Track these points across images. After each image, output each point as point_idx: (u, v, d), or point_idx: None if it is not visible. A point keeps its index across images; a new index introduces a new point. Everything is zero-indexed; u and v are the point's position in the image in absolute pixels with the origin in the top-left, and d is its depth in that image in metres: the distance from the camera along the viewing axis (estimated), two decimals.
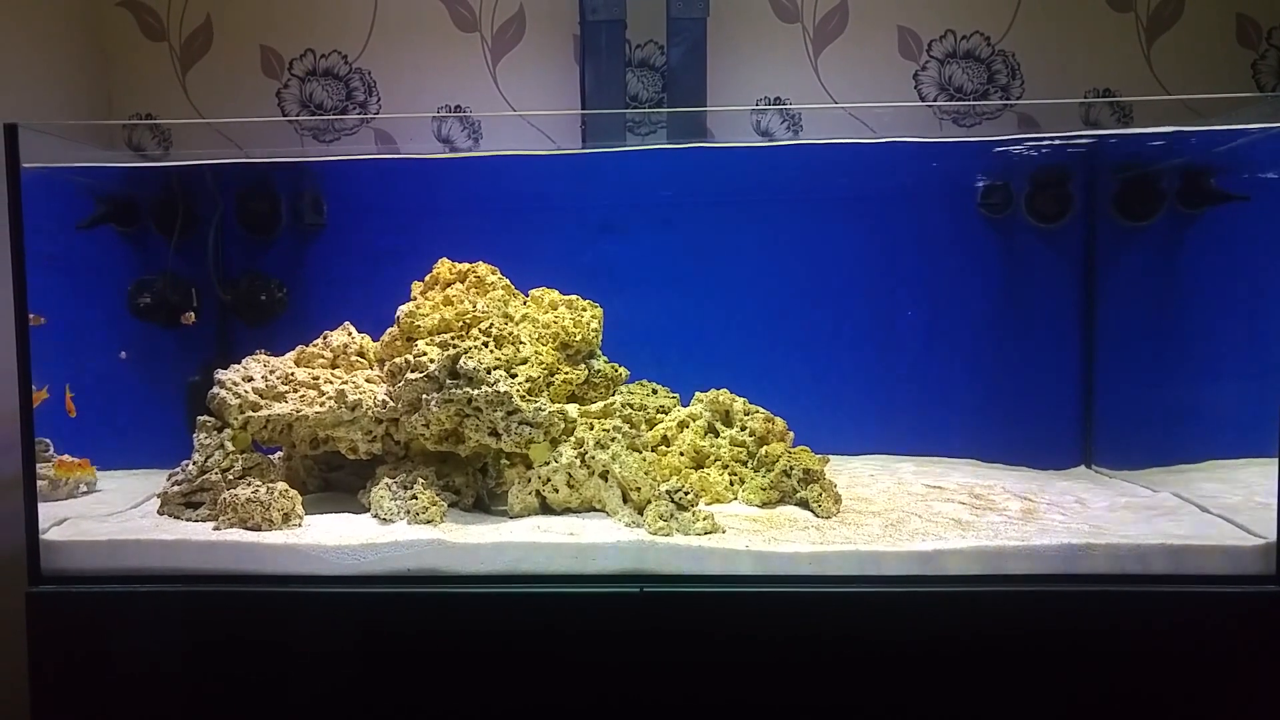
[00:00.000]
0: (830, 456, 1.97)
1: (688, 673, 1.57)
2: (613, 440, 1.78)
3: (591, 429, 1.81)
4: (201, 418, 1.85)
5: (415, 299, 1.96)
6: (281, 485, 1.75)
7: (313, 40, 2.44)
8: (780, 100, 2.42)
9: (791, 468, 1.90)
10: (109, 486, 2.09)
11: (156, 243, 2.27)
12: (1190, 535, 1.65)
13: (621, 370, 2.02)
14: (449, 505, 1.79)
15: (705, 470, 1.98)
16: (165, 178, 2.36)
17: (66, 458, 2.01)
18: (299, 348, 1.99)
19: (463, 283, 1.98)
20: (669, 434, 2.05)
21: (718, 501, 1.92)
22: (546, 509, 1.80)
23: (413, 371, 1.79)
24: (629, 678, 1.58)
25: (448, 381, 1.77)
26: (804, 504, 1.87)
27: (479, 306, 1.90)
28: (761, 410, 2.08)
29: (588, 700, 1.58)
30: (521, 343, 1.86)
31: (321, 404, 1.84)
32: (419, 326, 1.87)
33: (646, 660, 1.57)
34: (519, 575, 1.62)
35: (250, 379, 1.86)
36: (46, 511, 1.74)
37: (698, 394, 2.14)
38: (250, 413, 1.83)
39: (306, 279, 2.37)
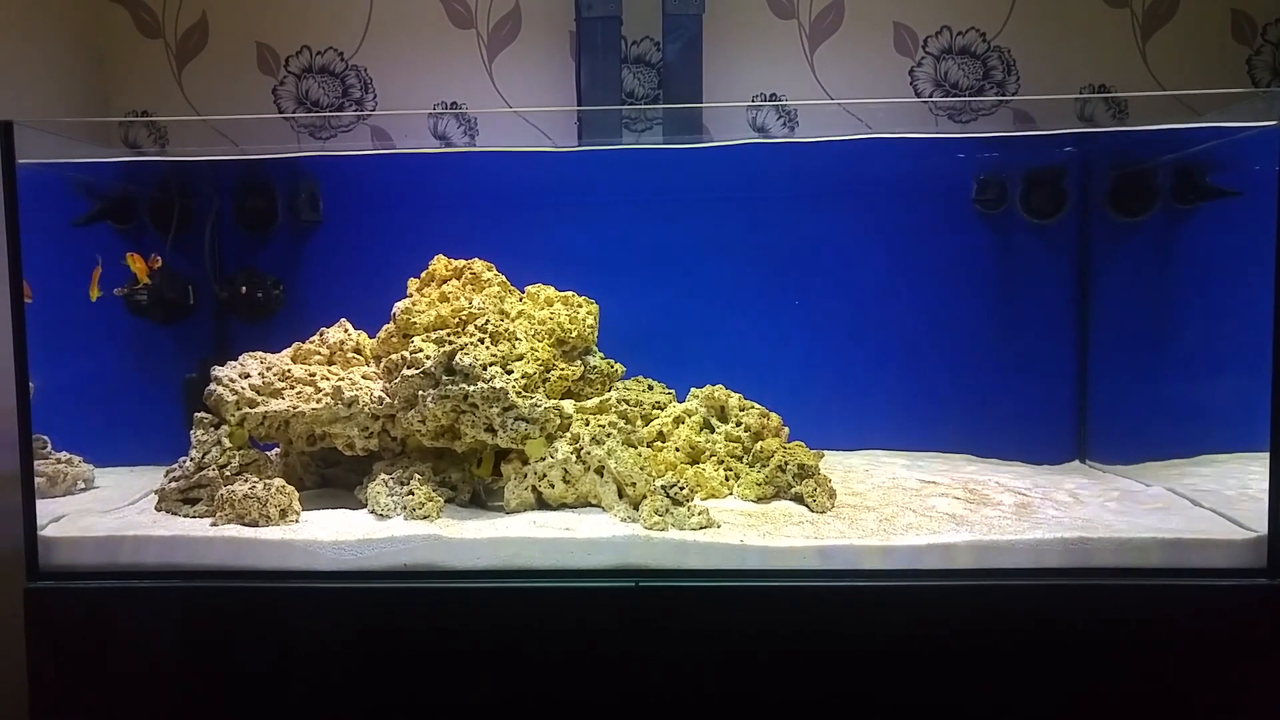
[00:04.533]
0: (825, 452, 1.98)
1: (682, 667, 1.58)
2: (608, 436, 1.79)
3: (587, 425, 1.82)
4: (199, 414, 1.85)
5: (411, 295, 1.97)
6: (278, 481, 1.76)
7: (308, 37, 2.44)
8: (776, 97, 2.43)
9: (786, 463, 1.91)
10: (107, 483, 2.10)
11: (153, 240, 2.27)
12: (1182, 529, 1.66)
13: (617, 366, 2.03)
14: (445, 501, 1.79)
15: (701, 466, 1.99)
16: (161, 175, 2.36)
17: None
18: (295, 344, 1.99)
19: (458, 279, 1.99)
20: (665, 430, 2.05)
21: (713, 497, 1.92)
22: (542, 504, 1.81)
23: (409, 368, 1.79)
24: (624, 672, 1.58)
25: (444, 378, 1.77)
26: (799, 499, 1.88)
27: (475, 303, 1.90)
28: (757, 406, 2.09)
29: (583, 694, 1.59)
30: (517, 339, 1.87)
31: (318, 400, 1.84)
32: (415, 323, 1.87)
33: (641, 654, 1.58)
34: (515, 570, 1.63)
35: (247, 375, 1.87)
36: (45, 508, 1.74)
37: (693, 390, 2.15)
38: (247, 409, 1.83)
39: (303, 276, 2.37)
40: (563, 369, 1.91)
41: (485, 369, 1.77)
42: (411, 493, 1.76)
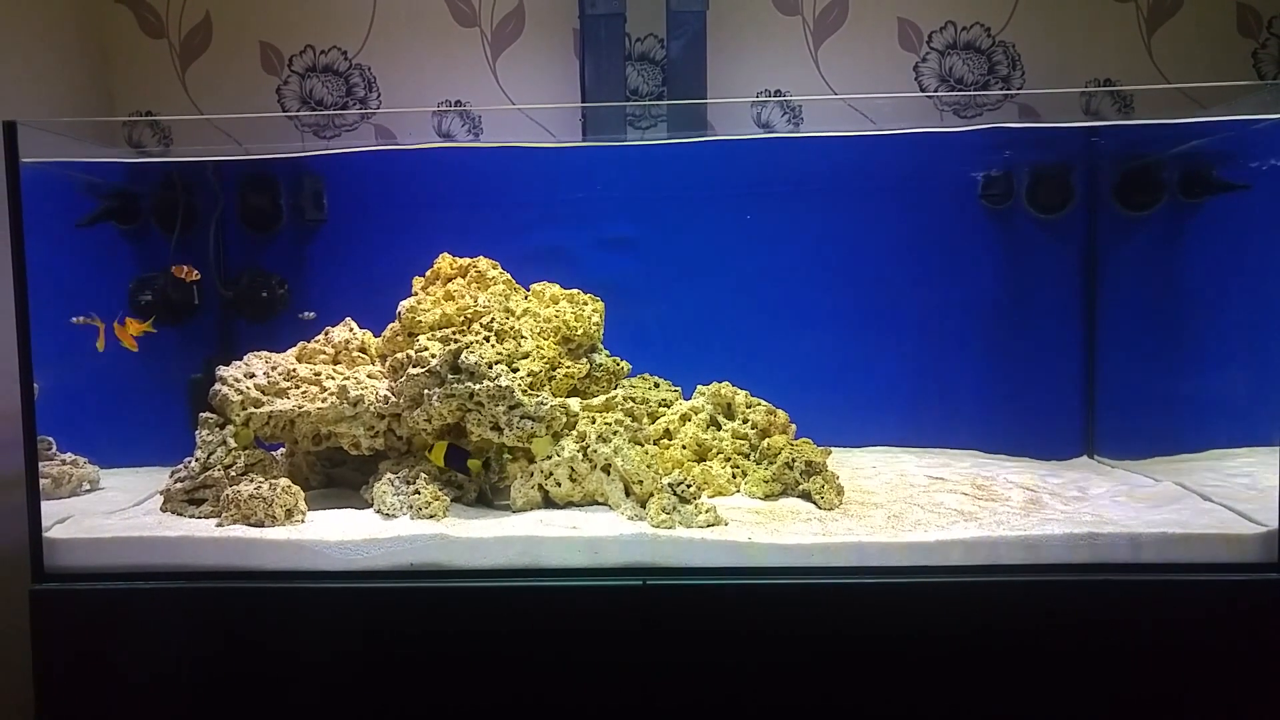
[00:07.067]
0: (832, 449, 1.97)
1: (691, 665, 1.57)
2: (615, 434, 1.78)
3: (594, 423, 1.81)
4: (204, 414, 1.85)
5: (416, 294, 1.96)
6: (284, 481, 1.75)
7: (312, 36, 2.44)
8: (780, 93, 2.42)
9: (794, 460, 1.90)
10: (112, 484, 2.10)
11: (157, 240, 2.27)
12: (1192, 524, 1.65)
13: (623, 364, 2.02)
14: (451, 500, 1.79)
15: (708, 463, 1.98)
16: (166, 175, 2.36)
17: None
18: (300, 344, 1.99)
19: (464, 278, 1.98)
20: (671, 427, 2.05)
21: (720, 494, 1.92)
22: (549, 503, 1.80)
23: (414, 367, 1.79)
24: (632, 670, 1.58)
25: (449, 376, 1.77)
26: (806, 496, 1.87)
27: (480, 301, 1.90)
28: (763, 403, 2.08)
29: (591, 693, 1.59)
30: (523, 337, 1.86)
31: (324, 400, 1.84)
32: (420, 322, 1.87)
33: (649, 652, 1.57)
34: (522, 569, 1.62)
35: (252, 375, 1.86)
36: (50, 509, 1.74)
37: (700, 387, 2.14)
38: (252, 409, 1.83)
39: (308, 275, 2.37)
40: (568, 367, 1.90)
41: (491, 367, 1.76)
42: (418, 492, 1.75)
